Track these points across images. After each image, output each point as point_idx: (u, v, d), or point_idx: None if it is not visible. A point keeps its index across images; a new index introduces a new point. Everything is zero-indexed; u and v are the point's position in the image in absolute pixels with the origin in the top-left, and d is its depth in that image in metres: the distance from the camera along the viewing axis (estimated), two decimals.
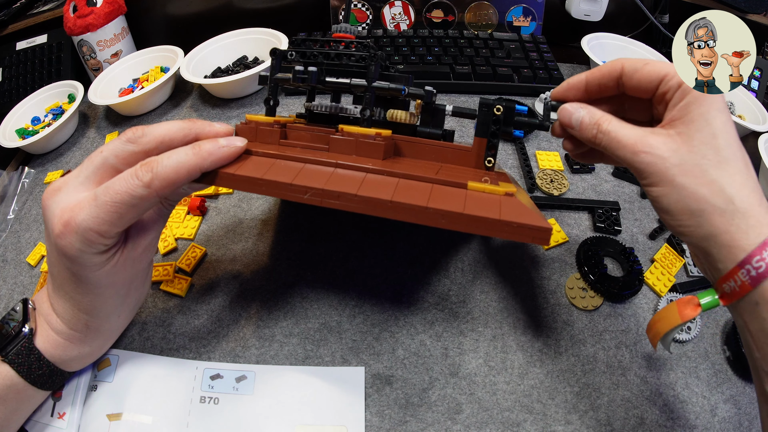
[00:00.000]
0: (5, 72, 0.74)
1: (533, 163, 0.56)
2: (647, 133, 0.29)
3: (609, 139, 0.30)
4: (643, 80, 0.31)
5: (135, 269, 0.33)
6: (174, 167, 0.29)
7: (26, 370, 0.31)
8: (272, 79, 0.40)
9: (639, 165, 0.29)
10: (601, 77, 0.33)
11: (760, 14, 0.73)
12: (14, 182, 0.59)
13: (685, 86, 0.29)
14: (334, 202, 0.28)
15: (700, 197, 0.27)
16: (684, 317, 0.28)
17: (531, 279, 0.44)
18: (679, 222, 0.28)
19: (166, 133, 0.31)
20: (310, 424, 0.35)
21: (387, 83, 0.37)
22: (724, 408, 0.37)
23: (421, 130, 0.40)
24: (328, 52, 0.39)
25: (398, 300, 0.42)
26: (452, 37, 0.72)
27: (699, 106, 0.28)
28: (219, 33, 0.71)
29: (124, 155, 0.30)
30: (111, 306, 0.33)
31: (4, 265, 0.49)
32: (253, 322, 0.41)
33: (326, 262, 0.45)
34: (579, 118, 0.32)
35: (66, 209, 0.29)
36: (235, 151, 0.31)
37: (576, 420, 0.36)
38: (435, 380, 0.38)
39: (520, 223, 0.27)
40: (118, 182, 0.28)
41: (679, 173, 0.28)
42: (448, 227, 0.27)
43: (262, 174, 0.30)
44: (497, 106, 0.36)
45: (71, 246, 0.29)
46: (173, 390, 0.36)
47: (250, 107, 0.65)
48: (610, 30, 0.72)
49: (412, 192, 0.29)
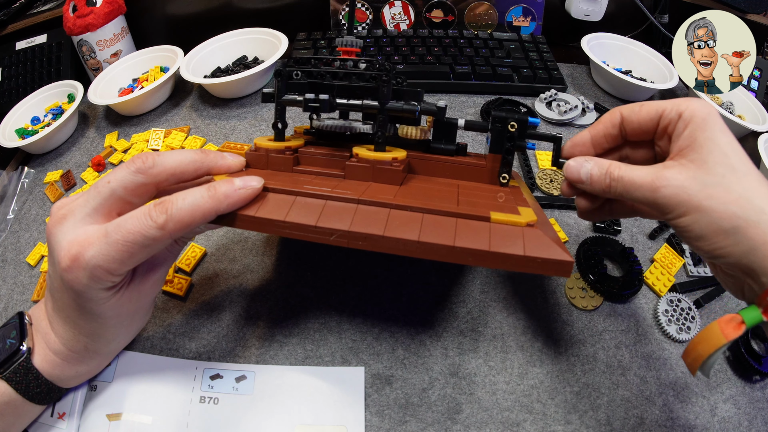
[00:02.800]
0: (5, 72, 0.74)
1: (533, 163, 0.56)
2: (660, 168, 0.29)
3: (624, 185, 0.30)
4: (643, 121, 0.32)
5: (141, 302, 0.33)
6: (189, 210, 0.28)
7: (24, 388, 0.30)
8: (279, 102, 0.38)
9: (661, 200, 0.28)
10: (605, 129, 0.34)
11: (760, 14, 0.73)
12: (14, 182, 0.59)
13: (685, 115, 0.29)
14: (361, 244, 0.28)
15: (731, 215, 0.26)
16: (728, 337, 0.27)
17: (531, 279, 0.44)
18: (716, 245, 0.27)
19: (177, 165, 0.31)
20: (310, 424, 0.35)
21: (401, 104, 0.36)
22: (723, 408, 0.37)
23: (434, 146, 0.39)
24: (336, 71, 0.38)
25: (398, 300, 0.42)
26: (452, 37, 0.72)
27: (703, 131, 0.28)
28: (219, 33, 0.71)
29: (133, 187, 0.30)
30: (112, 333, 0.33)
31: (4, 265, 0.49)
32: (252, 322, 0.41)
33: (326, 262, 0.45)
34: (588, 172, 0.32)
35: (74, 243, 0.28)
36: (251, 193, 0.30)
37: (576, 420, 0.36)
38: (435, 380, 0.38)
39: (544, 258, 0.27)
40: (131, 221, 0.28)
41: (705, 197, 0.27)
42: (475, 264, 0.28)
43: (284, 216, 0.29)
44: (511, 122, 0.35)
45: (78, 281, 0.28)
46: (173, 390, 0.36)
47: (250, 107, 0.65)
48: (609, 30, 0.72)
49: (438, 229, 0.29)
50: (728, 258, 0.27)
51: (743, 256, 0.27)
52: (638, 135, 0.33)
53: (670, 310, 0.42)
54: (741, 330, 0.26)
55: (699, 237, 0.28)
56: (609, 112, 0.34)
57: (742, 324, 0.27)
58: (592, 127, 0.34)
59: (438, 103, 0.38)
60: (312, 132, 0.42)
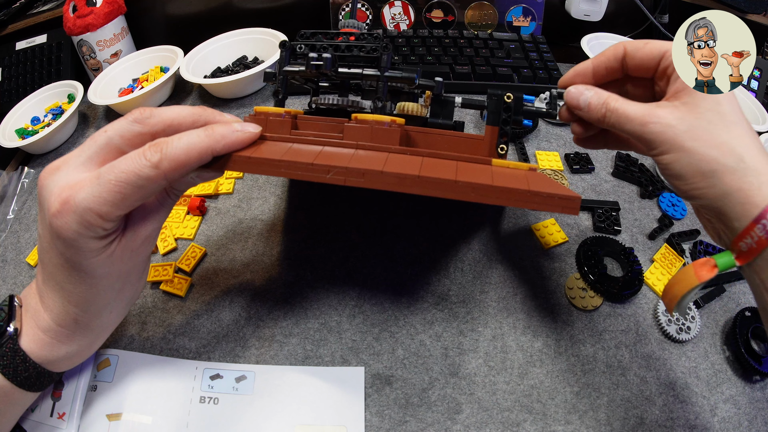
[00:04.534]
0: (5, 72, 0.74)
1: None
2: (653, 106, 0.30)
3: (617, 116, 0.31)
4: (645, 58, 0.32)
5: (132, 261, 0.32)
6: (185, 148, 0.28)
7: (12, 372, 0.30)
8: (282, 71, 0.39)
9: (648, 135, 0.30)
10: (607, 61, 0.34)
11: (760, 14, 0.73)
12: (14, 182, 0.59)
13: None
14: (359, 180, 0.27)
15: (711, 158, 0.28)
16: (701, 278, 0.28)
17: (531, 279, 0.44)
18: (692, 185, 0.29)
19: (175, 116, 0.30)
20: (309, 424, 0.35)
21: (400, 72, 0.37)
22: (723, 408, 0.37)
23: (432, 121, 0.40)
24: (338, 44, 0.38)
25: (398, 300, 0.42)
26: (452, 37, 0.72)
27: None
28: (219, 33, 0.71)
29: (130, 136, 0.29)
30: (103, 300, 0.31)
31: (4, 265, 0.49)
32: (252, 322, 0.41)
33: (326, 262, 0.45)
34: (587, 99, 0.33)
35: (65, 187, 0.27)
36: (249, 137, 0.30)
37: (576, 420, 0.36)
38: (435, 380, 0.38)
39: (549, 193, 0.27)
40: (124, 161, 0.27)
41: (689, 138, 0.28)
42: (478, 200, 0.27)
43: (281, 156, 0.29)
44: (507, 93, 0.37)
45: (68, 227, 0.27)
46: (173, 390, 0.36)
47: (250, 107, 0.65)
48: (609, 30, 0.72)
49: (439, 168, 0.28)
50: (702, 200, 0.29)
51: (717, 199, 0.28)
52: (639, 71, 0.34)
53: None
54: (713, 273, 0.28)
55: (678, 176, 0.29)
56: (613, 45, 0.34)
57: (714, 267, 0.28)
58: (594, 58, 0.35)
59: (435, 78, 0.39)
60: (311, 111, 0.42)
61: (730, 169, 0.27)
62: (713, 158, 0.28)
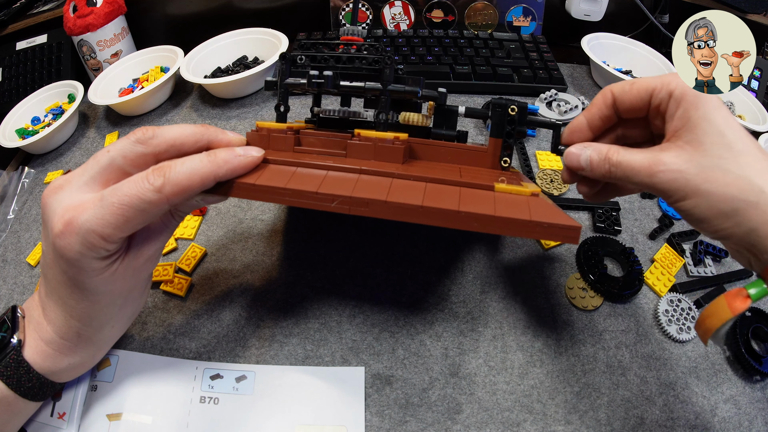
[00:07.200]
0: (5, 72, 0.74)
1: (533, 163, 0.56)
2: (657, 152, 0.29)
3: (623, 170, 0.30)
4: (635, 100, 0.32)
5: (135, 279, 0.32)
6: (187, 173, 0.28)
7: (15, 383, 0.30)
8: (282, 85, 0.38)
9: (660, 185, 0.28)
10: (599, 111, 0.33)
11: (760, 14, 0.73)
12: (14, 182, 0.59)
13: (676, 94, 0.29)
14: (363, 210, 0.28)
15: (730, 197, 0.27)
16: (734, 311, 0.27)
17: (531, 279, 0.44)
18: (717, 226, 0.28)
19: (177, 136, 0.30)
20: (310, 424, 0.35)
21: (402, 86, 0.36)
22: (724, 408, 0.37)
23: (435, 132, 0.40)
24: (339, 55, 0.38)
25: (398, 300, 0.42)
26: (452, 37, 0.72)
27: (697, 110, 0.28)
28: (219, 33, 0.71)
29: (133, 156, 0.29)
30: (105, 316, 0.32)
31: (4, 265, 0.49)
32: (253, 322, 0.41)
33: (326, 262, 0.45)
34: (587, 158, 0.32)
35: (68, 208, 0.28)
36: (251, 162, 0.30)
37: (576, 420, 0.36)
38: (435, 380, 0.38)
39: (550, 223, 0.27)
40: (127, 185, 0.27)
41: (702, 180, 0.27)
42: (481, 230, 0.27)
43: (285, 183, 0.28)
44: (512, 106, 0.36)
45: (70, 248, 0.27)
46: (173, 390, 0.36)
47: (250, 107, 0.65)
48: (610, 30, 0.72)
49: (442, 196, 0.28)
50: (731, 239, 0.28)
51: (745, 236, 0.27)
52: (631, 113, 0.33)
53: (671, 310, 0.42)
54: (747, 303, 0.27)
55: (701, 220, 0.28)
56: (600, 92, 0.33)
57: (747, 298, 0.27)
58: (586, 111, 0.34)
59: (438, 89, 0.38)
60: (313, 120, 0.42)
61: (753, 204, 0.26)
62: (732, 196, 0.27)
